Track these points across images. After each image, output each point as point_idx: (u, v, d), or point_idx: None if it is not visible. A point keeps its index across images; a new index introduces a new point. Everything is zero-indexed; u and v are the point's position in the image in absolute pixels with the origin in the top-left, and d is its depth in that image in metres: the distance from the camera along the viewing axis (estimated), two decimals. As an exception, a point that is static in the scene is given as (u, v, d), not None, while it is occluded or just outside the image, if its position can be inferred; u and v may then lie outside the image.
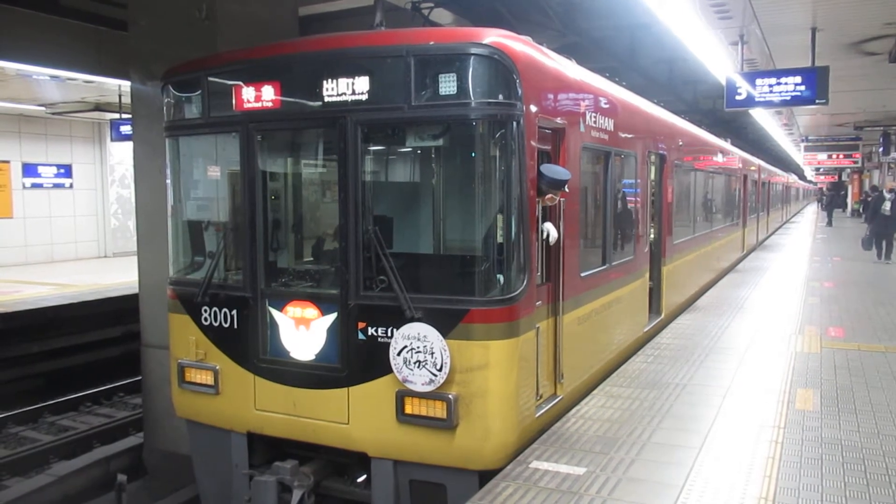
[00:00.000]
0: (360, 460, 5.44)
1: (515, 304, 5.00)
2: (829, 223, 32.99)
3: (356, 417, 5.30)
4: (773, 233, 29.34)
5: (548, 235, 5.57)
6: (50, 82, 14.40)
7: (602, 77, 7.49)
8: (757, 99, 10.81)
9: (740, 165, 18.51)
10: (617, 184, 7.71)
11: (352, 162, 5.24)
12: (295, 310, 5.53)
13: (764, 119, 20.13)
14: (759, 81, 10.77)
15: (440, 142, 5.95)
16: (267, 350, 5.66)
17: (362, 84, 5.17)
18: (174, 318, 6.16)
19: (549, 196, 5.43)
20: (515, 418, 5.10)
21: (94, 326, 13.59)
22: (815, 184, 65.58)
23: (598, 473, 4.76)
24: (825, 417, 5.93)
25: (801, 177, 61.57)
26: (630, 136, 7.88)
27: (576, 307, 6.20)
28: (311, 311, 5.47)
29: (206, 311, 5.90)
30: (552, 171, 5.41)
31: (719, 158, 15.12)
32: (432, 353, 4.91)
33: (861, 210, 32.34)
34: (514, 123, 4.99)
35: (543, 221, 5.54)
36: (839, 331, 9.35)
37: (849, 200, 46.38)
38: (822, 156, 30.05)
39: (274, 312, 5.62)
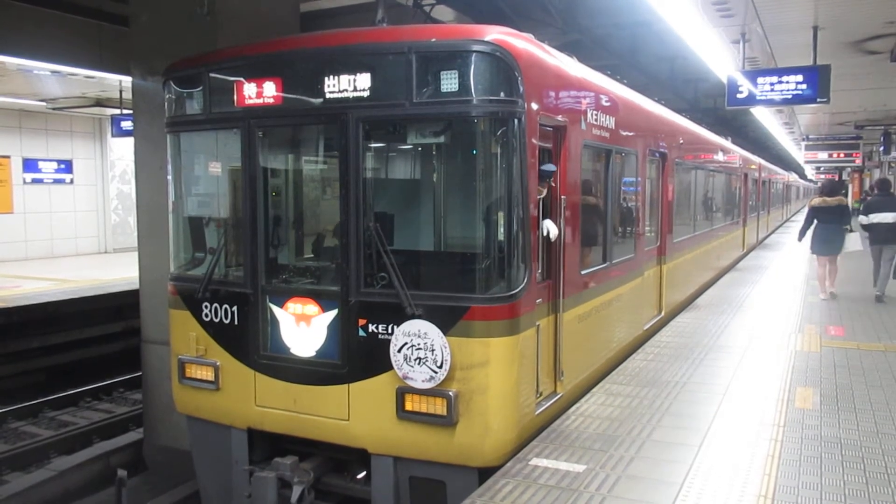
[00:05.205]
0: (360, 457, 5.45)
1: (516, 302, 5.01)
2: None
3: (356, 414, 5.31)
4: (773, 231, 29.36)
5: (548, 233, 5.57)
6: (50, 77, 14.41)
7: (603, 75, 7.49)
8: (758, 97, 10.78)
9: (741, 164, 18.51)
10: (618, 182, 7.71)
11: (353, 158, 5.24)
12: (295, 306, 5.54)
13: (765, 118, 20.09)
14: (760, 80, 10.74)
15: (441, 139, 5.93)
16: (267, 346, 5.67)
17: (364, 81, 5.16)
18: (175, 314, 6.17)
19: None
20: (515, 415, 5.11)
21: (94, 322, 13.61)
22: (816, 182, 65.49)
23: (597, 471, 4.76)
24: (824, 416, 5.94)
25: (802, 175, 61.47)
26: (631, 133, 7.88)
27: (576, 305, 6.20)
28: (311, 308, 5.47)
29: (206, 307, 5.90)
30: None
31: (720, 157, 15.11)
32: (433, 350, 4.92)
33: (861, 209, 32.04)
34: (516, 121, 4.98)
35: (544, 219, 5.54)
36: (839, 329, 9.35)
37: (849, 199, 46.21)
38: (823, 154, 29.96)
39: (274, 309, 5.62)
